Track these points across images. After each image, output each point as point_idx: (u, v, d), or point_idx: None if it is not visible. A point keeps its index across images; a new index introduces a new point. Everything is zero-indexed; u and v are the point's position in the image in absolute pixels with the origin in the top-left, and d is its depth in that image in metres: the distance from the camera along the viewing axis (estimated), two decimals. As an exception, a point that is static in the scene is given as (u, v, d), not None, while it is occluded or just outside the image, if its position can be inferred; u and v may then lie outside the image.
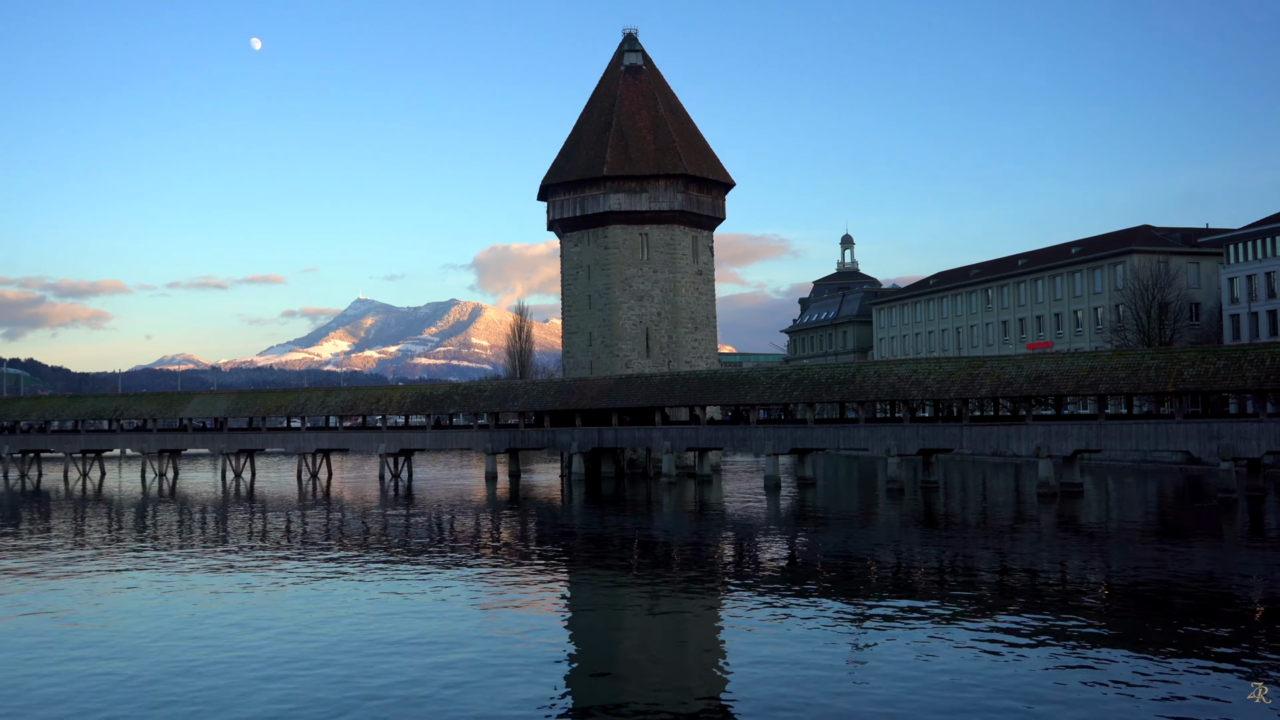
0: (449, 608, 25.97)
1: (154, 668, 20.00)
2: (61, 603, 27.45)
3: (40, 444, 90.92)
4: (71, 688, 18.65)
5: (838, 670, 19.27)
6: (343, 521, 47.83)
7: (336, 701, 17.56)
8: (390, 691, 18.12)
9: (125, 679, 19.18)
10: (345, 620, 24.28)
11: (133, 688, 18.60)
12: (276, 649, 21.37)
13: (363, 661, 20.23)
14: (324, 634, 22.72)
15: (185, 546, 39.16)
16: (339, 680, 18.89)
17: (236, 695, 18.01)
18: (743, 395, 62.86)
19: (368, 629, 23.24)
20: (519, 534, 42.96)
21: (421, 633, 22.76)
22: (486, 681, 18.77)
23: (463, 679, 18.91)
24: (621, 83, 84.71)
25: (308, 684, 18.64)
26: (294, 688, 18.41)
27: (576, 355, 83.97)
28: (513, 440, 73.63)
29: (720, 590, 28.46)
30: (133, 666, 20.13)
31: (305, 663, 20.19)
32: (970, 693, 17.48)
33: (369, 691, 18.13)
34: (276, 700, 17.67)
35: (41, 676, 19.48)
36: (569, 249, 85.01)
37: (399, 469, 76.45)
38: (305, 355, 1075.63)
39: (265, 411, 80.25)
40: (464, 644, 21.76)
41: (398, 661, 20.20)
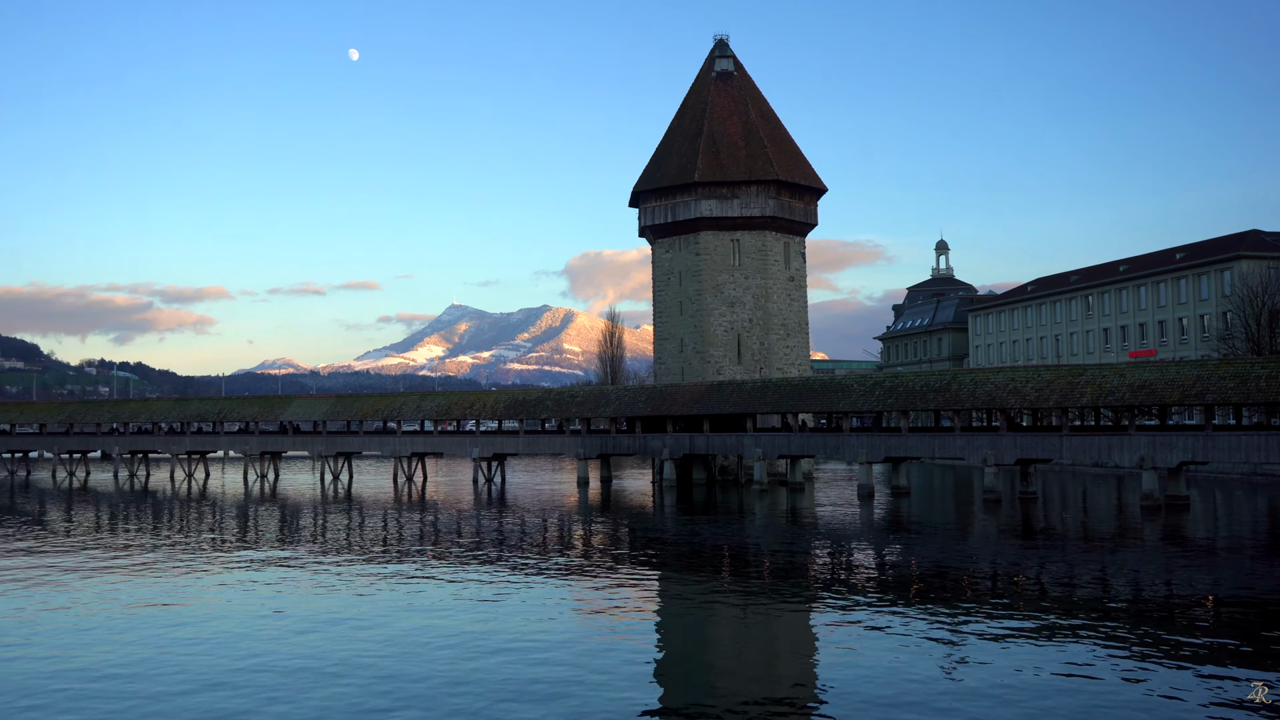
0: (541, 611, 26.13)
1: (261, 662, 20.48)
2: (169, 596, 28.24)
3: (148, 445, 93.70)
4: (190, 679, 19.20)
5: (931, 681, 18.95)
6: (437, 524, 48.48)
7: (431, 700, 17.79)
8: (483, 693, 18.29)
9: (237, 673, 19.68)
10: (438, 622, 24.58)
11: (244, 680, 19.07)
12: (371, 649, 21.73)
13: (455, 663, 20.46)
14: (418, 635, 23.03)
15: (285, 547, 40.04)
16: (433, 680, 19.12)
17: (333, 695, 18.35)
18: (836, 402, 62.28)
19: (461, 631, 23.49)
20: (610, 539, 43.09)
21: (514, 636, 22.95)
22: (577, 685, 18.85)
23: (554, 682, 19.02)
24: (713, 89, 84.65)
25: (403, 684, 18.90)
26: (391, 688, 18.69)
27: (668, 361, 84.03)
28: (604, 446, 73.91)
29: (812, 598, 28.21)
30: (242, 661, 20.63)
31: (400, 662, 20.49)
32: (1067, 708, 17.06)
33: (462, 693, 18.33)
34: (375, 697, 17.96)
35: (169, 663, 20.10)
36: (660, 255, 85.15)
37: (492, 473, 77.23)
38: (401, 360, 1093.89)
39: (362, 415, 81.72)
40: (555, 647, 21.88)
41: (489, 663, 20.40)
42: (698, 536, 43.01)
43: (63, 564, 35.45)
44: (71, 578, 32.29)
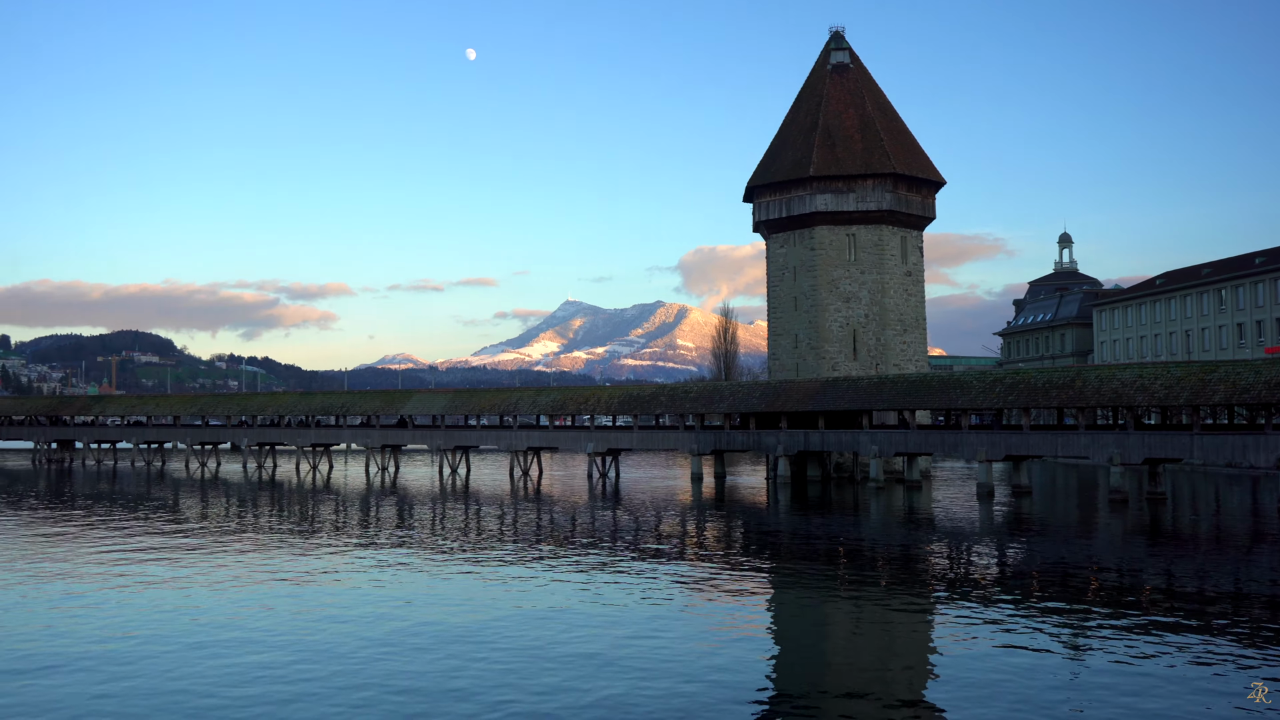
0: (654, 607, 26.20)
1: (384, 647, 20.99)
2: (298, 583, 29.12)
3: (275, 437, 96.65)
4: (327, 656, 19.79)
5: (1052, 685, 18.47)
6: (552, 518, 48.99)
7: (546, 692, 18.00)
8: (592, 686, 18.44)
9: (368, 657, 20.22)
10: (550, 615, 24.84)
11: (368, 664, 19.57)
12: (488, 638, 22.07)
13: (570, 656, 20.66)
14: (529, 627, 23.32)
15: (405, 537, 40.92)
16: (547, 672, 19.34)
17: (458, 680, 18.69)
18: (954, 399, 61.14)
19: (571, 624, 23.71)
20: (724, 536, 43.04)
21: (628, 630, 23.09)
22: (689, 681, 18.88)
23: (665, 677, 19.07)
24: (828, 81, 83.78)
25: (519, 673, 19.17)
26: (508, 677, 18.97)
27: (782, 357, 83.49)
28: (718, 442, 73.81)
29: (929, 597, 27.75)
30: (363, 646, 21.18)
31: (515, 652, 20.77)
32: (1194, 714, 16.49)
33: (578, 686, 18.51)
34: (491, 687, 18.25)
35: (312, 636, 20.78)
36: (775, 250, 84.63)
37: (606, 468, 77.74)
38: (516, 355, 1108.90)
39: (479, 410, 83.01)
40: (667, 643, 21.93)
41: (597, 656, 20.55)
42: (812, 534, 42.68)
43: (201, 551, 36.80)
44: (206, 564, 33.50)
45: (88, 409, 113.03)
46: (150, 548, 37.80)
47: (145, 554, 36.06)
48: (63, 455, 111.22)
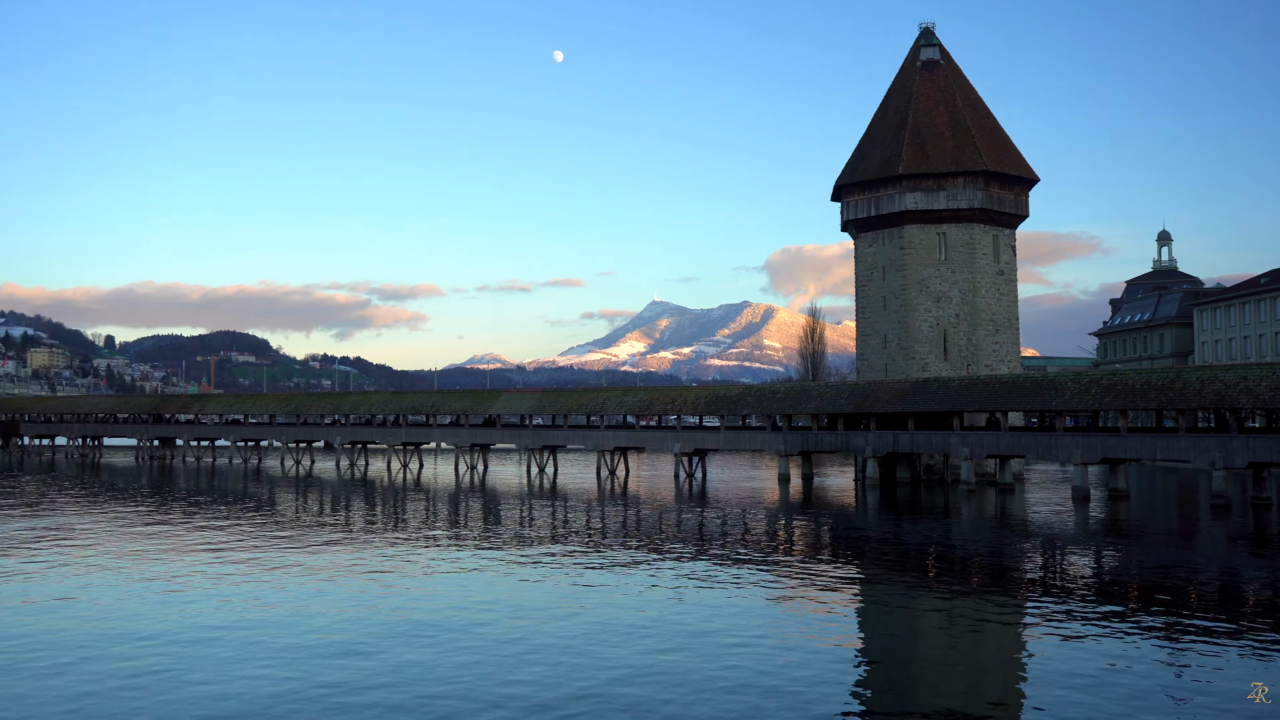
0: (741, 607, 26.10)
1: (479, 642, 21.23)
2: (387, 580, 29.59)
3: (367, 436, 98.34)
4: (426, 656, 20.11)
5: (1150, 695, 17.98)
6: (639, 518, 49.09)
7: (627, 694, 18.03)
8: (674, 689, 18.42)
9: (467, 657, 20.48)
10: (635, 615, 24.88)
11: (470, 662, 19.82)
12: (574, 638, 22.18)
13: (653, 657, 20.67)
14: (615, 626, 23.38)
15: (493, 536, 41.33)
16: (623, 672, 19.37)
17: (535, 677, 18.83)
18: (1048, 401, 59.91)
19: (656, 625, 23.73)
20: (811, 537, 42.72)
21: (714, 631, 23.04)
22: (772, 685, 18.75)
23: (747, 681, 18.98)
24: (918, 78, 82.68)
25: (607, 675, 19.23)
26: (587, 679, 19.04)
27: (871, 358, 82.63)
28: (805, 443, 73.30)
29: (1022, 603, 27.21)
30: (458, 642, 21.45)
31: (601, 654, 20.84)
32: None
33: (662, 687, 18.50)
34: (583, 689, 18.34)
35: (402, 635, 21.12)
36: (863, 250, 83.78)
37: (693, 468, 77.68)
38: (603, 356, 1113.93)
39: (567, 410, 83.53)
40: (751, 645, 21.82)
41: (681, 658, 20.52)
42: (902, 536, 42.16)
43: (296, 548, 37.61)
44: (303, 559, 34.22)
45: (188, 407, 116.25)
46: (247, 544, 38.71)
47: (243, 550, 36.94)
48: (164, 452, 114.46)
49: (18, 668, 19.96)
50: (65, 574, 31.27)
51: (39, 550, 36.76)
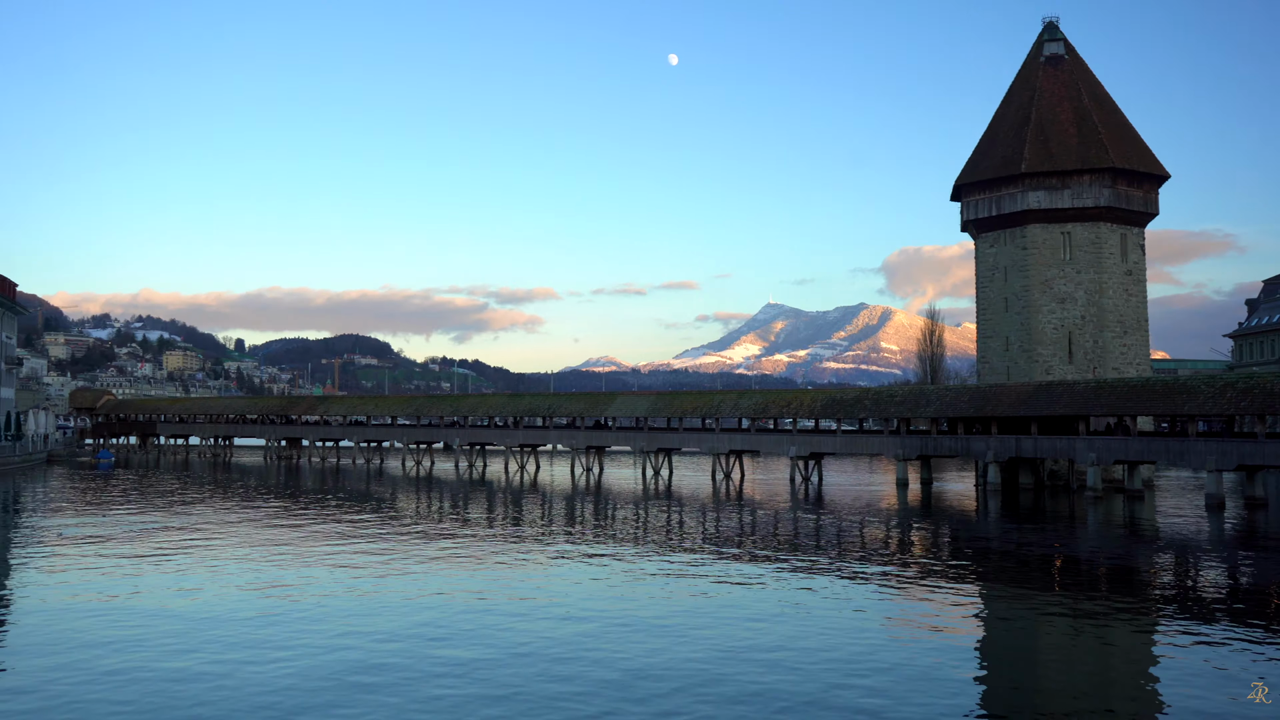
0: (858, 614, 25.73)
1: (603, 648, 21.35)
2: (511, 581, 29.97)
3: (485, 437, 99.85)
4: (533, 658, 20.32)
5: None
6: (754, 522, 48.83)
7: (727, 701, 17.90)
8: (792, 697, 18.22)
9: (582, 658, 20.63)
10: (749, 619, 24.72)
11: (589, 666, 19.95)
12: (686, 646, 22.13)
13: (768, 663, 20.49)
14: (727, 630, 23.25)
15: (607, 537, 41.53)
16: (738, 679, 19.24)
17: (648, 688, 18.82)
18: (1180, 405, 57.79)
19: (770, 629, 23.52)
20: (930, 543, 41.93)
21: (829, 637, 22.76)
22: (888, 696, 18.42)
23: (863, 690, 18.68)
24: (1041, 74, 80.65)
25: (714, 677, 19.13)
26: (700, 681, 18.96)
27: (992, 360, 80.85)
28: (924, 447, 72.04)
29: (1153, 616, 26.25)
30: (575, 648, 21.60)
31: (713, 661, 20.74)
32: None
33: (776, 696, 18.33)
34: (688, 697, 18.28)
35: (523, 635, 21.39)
36: (984, 250, 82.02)
37: (809, 472, 77.02)
38: (718, 358, 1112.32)
39: (681, 412, 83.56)
40: (867, 654, 21.48)
41: (801, 666, 20.30)
42: (1025, 544, 41.10)
43: (418, 546, 38.36)
44: (422, 558, 34.88)
45: (313, 409, 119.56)
46: (370, 543, 39.60)
47: (366, 548, 37.80)
48: (291, 452, 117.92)
49: (157, 652, 20.72)
50: (197, 568, 32.40)
51: (175, 544, 38.15)
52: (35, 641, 22.58)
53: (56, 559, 35.36)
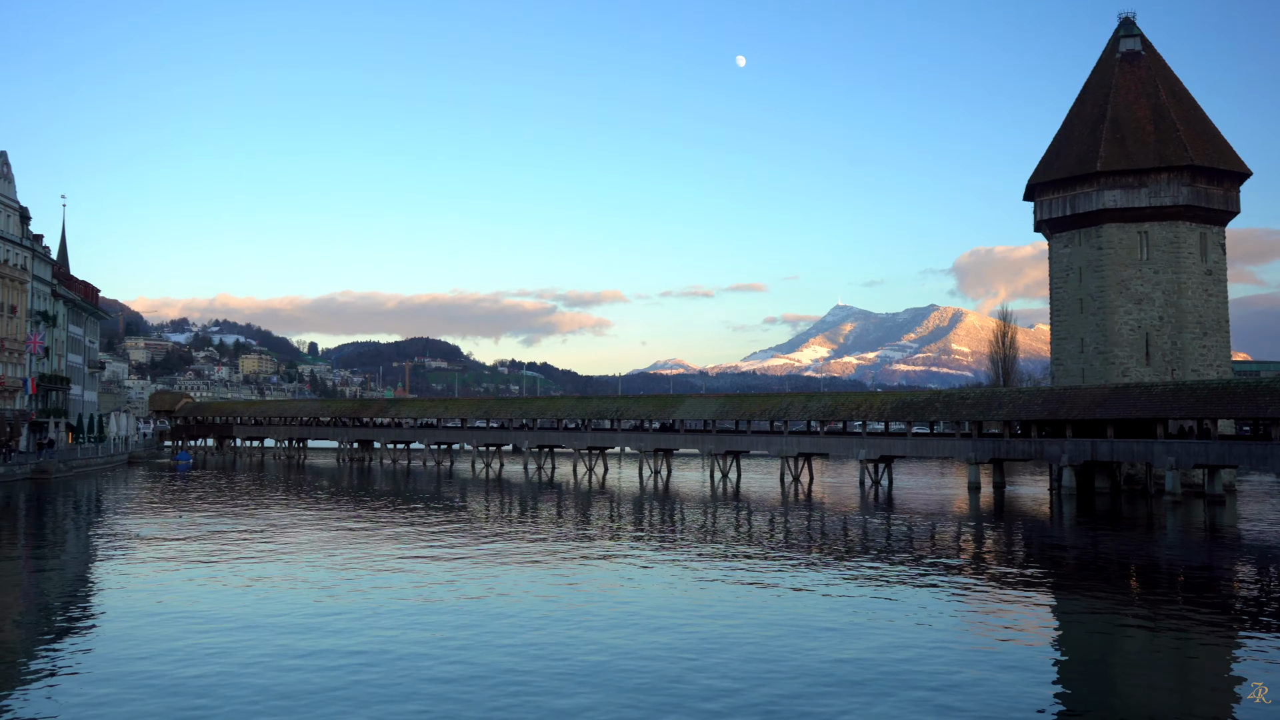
0: (929, 620, 25.41)
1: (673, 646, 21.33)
2: (579, 582, 30.05)
3: (554, 440, 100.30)
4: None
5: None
6: (823, 525, 48.50)
7: (786, 707, 17.76)
8: (862, 703, 18.03)
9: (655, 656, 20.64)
10: (824, 625, 24.51)
11: (666, 663, 19.95)
12: (757, 647, 22.01)
13: (827, 665, 20.30)
14: (796, 634, 23.08)
15: (677, 540, 41.48)
16: (814, 681, 19.08)
17: (720, 689, 18.74)
18: (1263, 407, 56.30)
19: (838, 633, 23.30)
20: (1003, 548, 41.30)
21: (899, 645, 22.50)
22: (957, 702, 18.15)
23: (933, 695, 18.42)
24: (1117, 70, 79.14)
25: (793, 685, 18.99)
26: (767, 688, 18.84)
27: (1066, 362, 79.47)
28: (996, 450, 71.03)
29: (1234, 625, 25.59)
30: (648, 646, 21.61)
31: (786, 664, 20.61)
32: None
33: (847, 699, 18.16)
34: (770, 696, 18.18)
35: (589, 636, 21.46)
36: (1058, 250, 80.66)
37: (879, 475, 76.32)
38: (786, 361, 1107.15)
39: (750, 415, 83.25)
40: (937, 659, 21.19)
41: (875, 668, 20.09)
42: (1101, 550, 40.33)
43: (488, 548, 38.64)
44: (492, 561, 35.13)
45: (384, 411, 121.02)
46: (440, 543, 39.97)
47: (435, 548, 38.16)
48: (363, 454, 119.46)
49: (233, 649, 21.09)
50: (273, 568, 32.94)
51: (251, 545, 38.84)
52: (118, 642, 23.07)
53: (138, 558, 36.17)
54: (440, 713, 17.39)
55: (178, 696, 18.18)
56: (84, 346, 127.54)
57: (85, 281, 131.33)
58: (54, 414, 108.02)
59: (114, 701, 17.93)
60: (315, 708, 17.58)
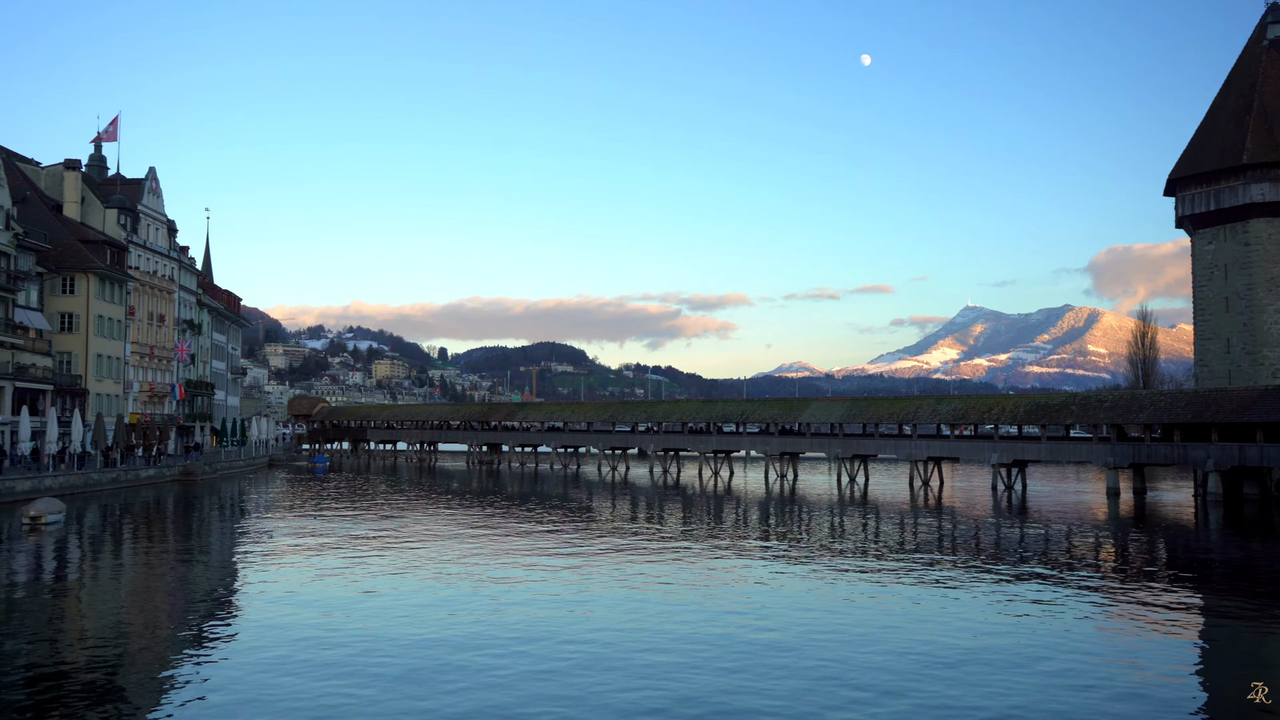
0: (1063, 629, 24.61)
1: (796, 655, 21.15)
2: (711, 586, 30.01)
3: (679, 443, 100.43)
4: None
5: None
6: (954, 531, 47.50)
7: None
8: (995, 712, 17.55)
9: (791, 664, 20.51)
10: (947, 633, 23.97)
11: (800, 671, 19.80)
12: (880, 656, 21.62)
13: (964, 677, 19.81)
14: (925, 645, 22.60)
15: (803, 545, 41.09)
16: (943, 694, 18.65)
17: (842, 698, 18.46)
18: None
19: (981, 647, 22.74)
20: (1145, 557, 39.82)
21: (1033, 653, 21.85)
22: (1105, 714, 17.52)
23: (1077, 709, 17.82)
24: (1264, 59, 75.78)
25: (912, 694, 18.62)
26: (899, 701, 18.49)
27: (1211, 364, 76.35)
28: (1136, 454, 68.58)
29: (1403, 640, 24.17)
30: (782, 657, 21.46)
31: (907, 673, 20.20)
32: None
33: (975, 712, 17.71)
34: (899, 712, 17.86)
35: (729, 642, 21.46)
36: (1201, 247, 77.57)
37: (1011, 480, 74.45)
38: (914, 363, 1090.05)
39: (877, 418, 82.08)
40: (1074, 672, 20.49)
41: (1006, 680, 19.54)
42: (1251, 561, 38.58)
43: (616, 552, 38.87)
44: (621, 566, 35.31)
45: (512, 415, 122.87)
46: (570, 547, 40.34)
47: (565, 552, 38.52)
48: (492, 458, 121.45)
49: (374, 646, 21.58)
50: (415, 567, 33.67)
51: (392, 545, 39.79)
52: (259, 640, 23.81)
53: (279, 557, 37.37)
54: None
55: (322, 681, 18.67)
56: (227, 353, 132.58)
57: (228, 290, 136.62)
58: (200, 418, 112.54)
59: (257, 689, 18.51)
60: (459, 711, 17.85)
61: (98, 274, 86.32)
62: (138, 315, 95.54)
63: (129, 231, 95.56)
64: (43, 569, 35.17)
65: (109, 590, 31.32)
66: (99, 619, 26.63)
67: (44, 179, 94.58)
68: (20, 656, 21.85)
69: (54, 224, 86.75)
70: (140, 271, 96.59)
